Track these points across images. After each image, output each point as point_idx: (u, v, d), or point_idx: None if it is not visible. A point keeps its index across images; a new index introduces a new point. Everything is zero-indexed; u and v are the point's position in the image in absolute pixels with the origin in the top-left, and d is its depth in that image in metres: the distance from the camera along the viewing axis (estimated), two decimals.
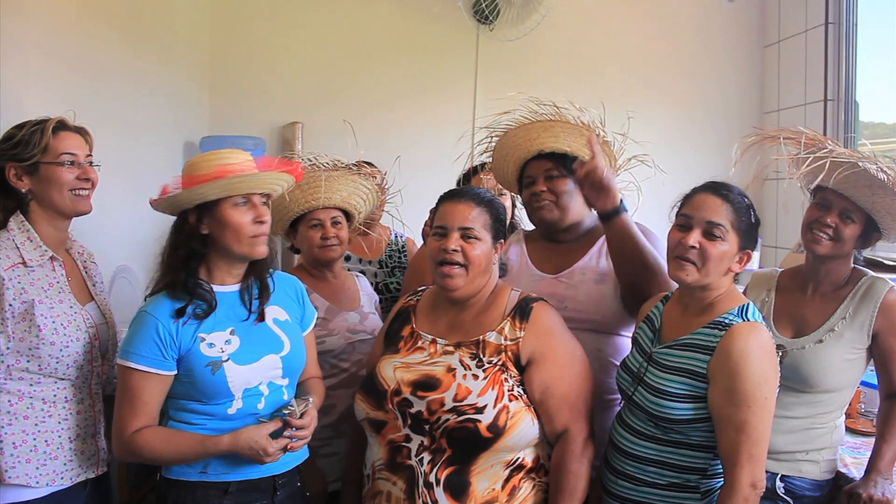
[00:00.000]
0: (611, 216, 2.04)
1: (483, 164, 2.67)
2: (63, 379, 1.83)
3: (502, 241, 1.96)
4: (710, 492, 1.75)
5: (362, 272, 2.84)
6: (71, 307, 1.87)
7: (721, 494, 1.68)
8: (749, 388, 1.64)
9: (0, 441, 1.75)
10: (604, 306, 2.14)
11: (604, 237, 2.18)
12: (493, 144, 2.36)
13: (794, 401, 1.99)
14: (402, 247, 3.13)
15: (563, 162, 2.21)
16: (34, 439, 1.78)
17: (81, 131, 1.94)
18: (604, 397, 2.13)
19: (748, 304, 1.77)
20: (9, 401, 1.76)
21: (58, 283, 1.87)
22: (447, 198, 1.96)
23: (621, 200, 2.04)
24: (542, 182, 2.22)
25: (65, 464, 1.82)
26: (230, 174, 1.75)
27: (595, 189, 2.01)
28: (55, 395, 1.82)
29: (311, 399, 1.86)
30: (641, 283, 2.05)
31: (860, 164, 1.87)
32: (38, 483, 1.77)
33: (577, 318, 2.10)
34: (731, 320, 1.73)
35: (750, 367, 1.65)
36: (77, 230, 2.06)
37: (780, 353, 1.93)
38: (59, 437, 1.82)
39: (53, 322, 1.80)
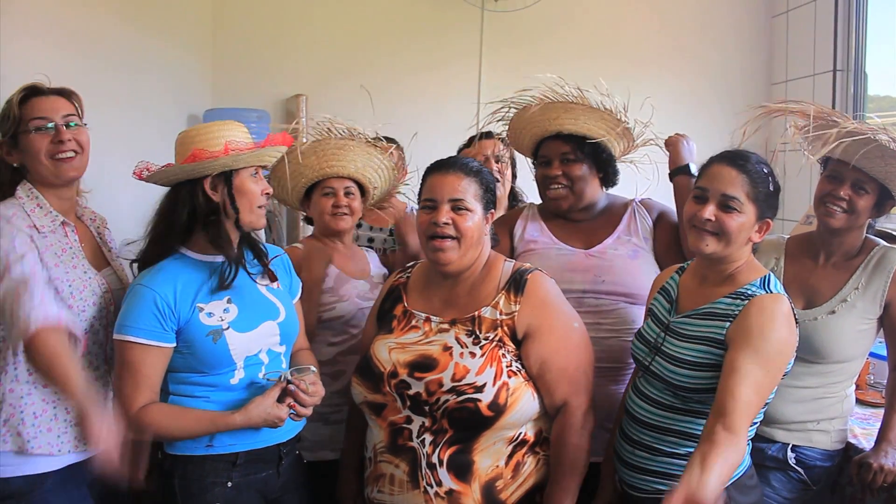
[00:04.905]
0: (673, 175, 2.30)
1: (488, 133, 2.64)
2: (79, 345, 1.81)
3: (493, 210, 1.91)
4: None
5: (372, 239, 2.82)
6: (85, 272, 1.85)
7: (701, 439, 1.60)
8: (765, 349, 1.63)
9: (21, 412, 1.73)
10: (640, 279, 2.12)
11: (627, 215, 2.24)
12: (509, 114, 2.31)
13: (804, 371, 1.98)
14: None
15: (580, 146, 2.18)
16: (54, 408, 1.77)
17: (59, 92, 1.87)
18: (628, 370, 2.13)
19: (769, 276, 1.76)
20: (27, 370, 1.74)
21: (71, 248, 1.85)
22: (434, 169, 1.88)
23: (688, 166, 2.26)
24: (558, 165, 2.20)
25: None
26: (240, 145, 1.76)
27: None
28: None
29: (312, 368, 1.85)
30: None
31: (874, 137, 1.84)
32: (59, 451, 1.76)
33: (615, 291, 2.12)
34: (753, 291, 1.72)
35: (770, 335, 1.65)
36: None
37: None
38: None
39: (69, 287, 1.79)
